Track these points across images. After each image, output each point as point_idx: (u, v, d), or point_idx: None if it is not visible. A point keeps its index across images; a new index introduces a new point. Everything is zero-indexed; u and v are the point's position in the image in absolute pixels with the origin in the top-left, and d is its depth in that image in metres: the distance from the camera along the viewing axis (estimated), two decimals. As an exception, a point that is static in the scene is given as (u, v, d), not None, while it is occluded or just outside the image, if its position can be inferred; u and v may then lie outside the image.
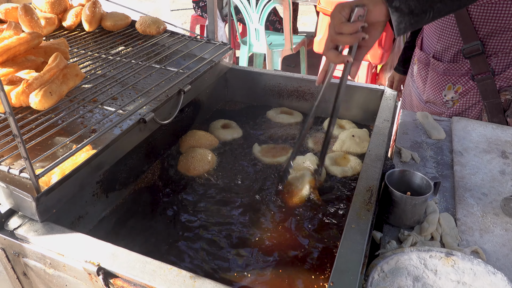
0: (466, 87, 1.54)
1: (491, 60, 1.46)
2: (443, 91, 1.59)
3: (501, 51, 1.44)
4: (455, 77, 1.55)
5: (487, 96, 1.49)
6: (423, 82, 1.69)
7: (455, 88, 1.56)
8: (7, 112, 0.77)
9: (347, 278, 0.77)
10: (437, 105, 1.65)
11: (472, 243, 1.02)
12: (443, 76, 1.58)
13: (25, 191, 0.86)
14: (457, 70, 1.54)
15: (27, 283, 1.01)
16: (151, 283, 0.77)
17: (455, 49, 1.52)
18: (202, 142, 1.46)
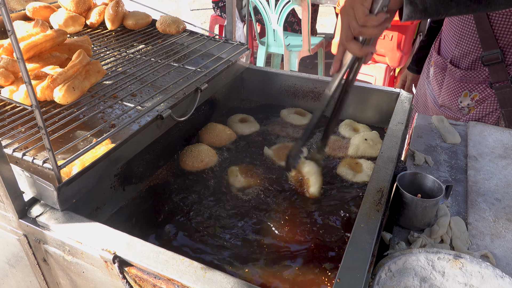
0: (483, 95, 1.53)
1: (511, 69, 1.45)
2: (459, 98, 1.59)
3: None
4: (472, 84, 1.54)
5: (505, 104, 1.48)
6: (439, 86, 1.68)
7: (471, 95, 1.55)
8: (33, 105, 0.81)
9: (354, 275, 0.78)
10: (452, 111, 1.64)
11: (483, 247, 1.01)
12: (459, 83, 1.57)
13: (47, 181, 0.91)
14: (474, 77, 1.53)
15: (46, 269, 1.05)
16: (163, 272, 0.80)
17: (473, 56, 1.51)
18: (221, 136, 1.50)
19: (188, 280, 0.78)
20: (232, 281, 0.78)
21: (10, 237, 1.03)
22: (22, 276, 1.15)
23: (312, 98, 1.70)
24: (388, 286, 0.84)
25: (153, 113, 1.20)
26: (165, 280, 0.81)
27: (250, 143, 1.52)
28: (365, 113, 1.64)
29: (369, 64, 3.37)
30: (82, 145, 1.07)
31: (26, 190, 0.98)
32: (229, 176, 1.33)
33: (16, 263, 1.11)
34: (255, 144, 1.51)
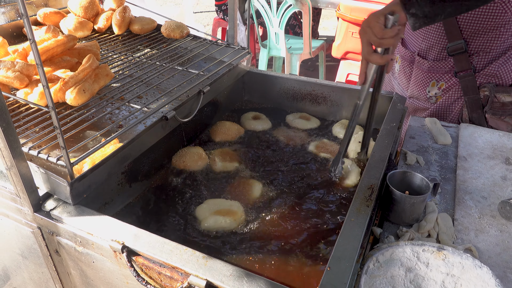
0: (449, 84, 1.62)
1: (473, 59, 1.55)
2: (427, 88, 1.68)
3: (482, 50, 1.53)
4: (439, 74, 1.63)
5: (467, 92, 1.58)
6: (407, 79, 1.77)
7: (438, 85, 1.65)
8: (50, 106, 0.89)
9: (343, 264, 0.85)
10: (421, 101, 1.73)
11: (467, 241, 1.08)
12: (427, 73, 1.66)
13: (61, 177, 0.98)
14: (441, 68, 1.62)
15: (58, 260, 1.13)
16: (168, 261, 0.87)
17: (439, 47, 1.60)
18: (231, 131, 1.63)
19: (190, 268, 0.85)
20: (231, 268, 0.85)
21: (24, 230, 1.11)
22: (34, 267, 1.22)
23: (310, 100, 1.77)
24: (376, 275, 0.91)
25: (158, 114, 1.27)
26: (170, 268, 0.88)
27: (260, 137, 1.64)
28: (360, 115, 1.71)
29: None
30: (91, 144, 1.15)
31: (40, 185, 1.05)
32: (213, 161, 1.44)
33: (29, 254, 1.18)
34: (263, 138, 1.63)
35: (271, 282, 0.82)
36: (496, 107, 1.56)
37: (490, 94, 1.54)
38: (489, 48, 1.52)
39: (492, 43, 1.51)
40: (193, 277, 0.84)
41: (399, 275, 0.91)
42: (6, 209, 1.10)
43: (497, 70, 1.54)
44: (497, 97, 1.54)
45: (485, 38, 1.51)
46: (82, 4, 1.79)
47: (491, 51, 1.53)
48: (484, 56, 1.54)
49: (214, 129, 1.64)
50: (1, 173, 1.06)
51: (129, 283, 0.98)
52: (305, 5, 3.59)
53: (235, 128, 1.65)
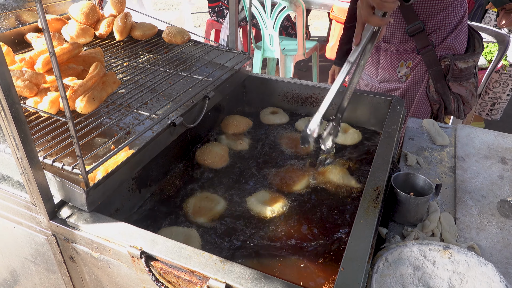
0: (415, 61, 1.80)
1: (432, 36, 1.74)
2: (397, 68, 1.84)
3: (438, 28, 1.72)
4: (405, 54, 1.81)
5: (430, 65, 1.76)
6: (375, 66, 1.94)
7: (406, 64, 1.82)
8: (67, 116, 0.91)
9: (356, 265, 0.88)
10: (392, 82, 1.90)
11: (469, 239, 1.13)
12: (395, 56, 1.83)
13: (77, 185, 1.00)
14: (406, 48, 1.79)
15: (72, 267, 1.14)
16: (187, 265, 0.90)
17: (401, 31, 1.77)
18: (241, 124, 1.75)
19: (209, 271, 0.88)
20: (248, 271, 0.88)
21: (38, 237, 1.12)
22: (46, 273, 1.24)
23: (310, 103, 1.80)
24: (386, 274, 0.95)
25: (166, 121, 1.29)
26: (188, 272, 0.91)
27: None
28: (359, 117, 1.75)
29: (362, 68, 3.49)
30: (102, 152, 1.17)
31: (55, 193, 1.07)
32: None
33: (42, 261, 1.20)
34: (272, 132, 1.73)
35: (288, 284, 0.85)
36: (456, 74, 1.77)
37: (451, 63, 1.74)
38: (443, 26, 1.73)
39: (445, 21, 1.72)
40: (212, 280, 0.87)
41: (408, 274, 0.95)
42: (20, 217, 1.12)
43: (452, 43, 1.75)
44: (456, 65, 1.74)
45: (438, 17, 1.71)
46: (84, 10, 1.80)
47: (445, 27, 1.73)
48: (439, 33, 1.74)
49: (225, 123, 1.76)
50: (16, 182, 1.08)
51: (146, 287, 1.01)
52: (299, 7, 3.63)
53: (245, 121, 1.78)
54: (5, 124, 0.89)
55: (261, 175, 1.46)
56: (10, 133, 0.90)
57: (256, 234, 1.20)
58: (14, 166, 1.05)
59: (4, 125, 0.90)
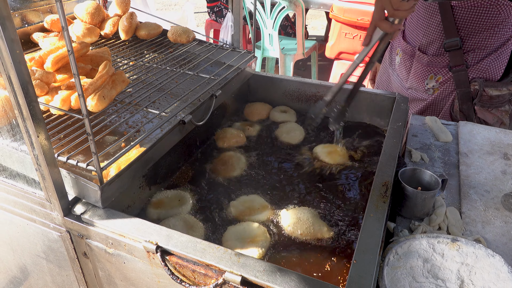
0: (445, 78, 1.76)
1: (468, 55, 1.68)
2: (426, 80, 1.81)
3: (477, 47, 1.66)
4: (436, 68, 1.76)
5: (460, 85, 1.71)
6: (407, 71, 1.89)
7: (436, 78, 1.78)
8: (84, 114, 0.92)
9: (368, 257, 0.91)
10: (419, 92, 1.87)
11: (475, 233, 1.15)
12: (426, 67, 1.79)
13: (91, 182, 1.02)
14: (439, 62, 1.75)
15: (84, 263, 1.16)
16: (202, 259, 0.92)
17: (438, 43, 1.73)
18: (260, 110, 1.84)
19: (225, 264, 0.90)
20: (263, 264, 0.90)
21: (51, 234, 1.14)
22: (58, 270, 1.25)
23: (314, 101, 1.82)
24: (396, 266, 0.97)
25: (176, 119, 1.31)
26: (204, 266, 0.93)
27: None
28: (363, 115, 1.77)
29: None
30: (113, 149, 1.18)
31: (68, 190, 1.09)
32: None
33: (54, 258, 1.21)
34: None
35: (303, 276, 0.87)
36: (484, 100, 1.70)
37: (480, 88, 1.67)
38: (483, 46, 1.66)
39: (485, 42, 1.64)
40: (228, 273, 0.89)
41: (417, 266, 0.97)
42: (34, 214, 1.13)
43: (488, 66, 1.67)
44: (486, 91, 1.67)
45: (479, 37, 1.63)
46: (89, 10, 1.81)
47: (484, 48, 1.66)
48: (477, 53, 1.67)
49: (246, 109, 1.86)
50: (31, 179, 1.09)
51: (161, 282, 1.03)
52: (298, 7, 3.66)
53: (264, 108, 1.86)
54: (22, 121, 0.91)
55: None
56: (27, 131, 0.92)
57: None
58: (29, 163, 1.07)
59: (21, 123, 0.91)
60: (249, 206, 1.29)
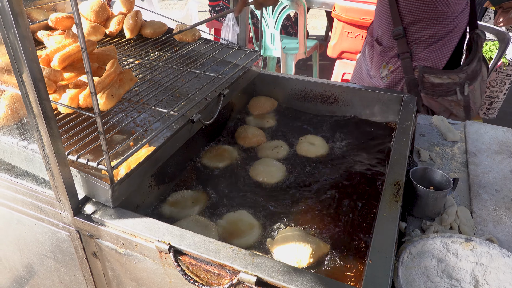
0: (396, 66, 1.86)
1: (412, 45, 1.78)
2: (380, 69, 1.93)
3: (420, 37, 1.76)
4: (388, 57, 1.88)
5: (407, 72, 1.81)
6: (371, 61, 2.03)
7: (388, 67, 1.89)
8: (96, 113, 0.91)
9: (383, 257, 0.90)
10: (377, 80, 1.98)
11: (487, 232, 1.15)
12: (380, 57, 1.92)
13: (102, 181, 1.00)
14: (390, 52, 1.87)
15: (93, 263, 1.15)
16: (216, 259, 0.91)
17: (389, 34, 1.83)
18: (266, 104, 1.84)
19: (239, 264, 0.89)
20: (278, 264, 0.89)
21: (60, 234, 1.13)
22: (66, 270, 1.24)
23: (321, 101, 1.82)
24: (410, 266, 0.96)
25: (184, 118, 1.30)
26: (217, 266, 0.92)
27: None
28: (370, 114, 1.77)
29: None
30: (122, 148, 1.17)
31: (78, 189, 1.07)
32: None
33: (62, 258, 1.20)
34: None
35: (318, 276, 0.86)
36: (427, 87, 1.78)
37: (419, 75, 1.76)
38: (424, 36, 1.75)
39: (426, 32, 1.74)
40: (243, 273, 0.88)
41: (432, 266, 0.97)
42: (42, 213, 1.12)
43: (430, 55, 1.76)
44: (426, 78, 1.75)
45: (420, 26, 1.74)
46: (94, 8, 1.80)
47: (427, 38, 1.75)
48: (420, 42, 1.77)
49: (251, 104, 1.85)
50: (40, 178, 1.08)
51: (172, 282, 1.02)
52: (300, 6, 3.65)
53: (270, 101, 1.86)
54: (33, 120, 0.90)
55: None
56: (38, 129, 0.90)
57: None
58: (38, 162, 1.06)
59: (32, 121, 0.90)
60: (236, 227, 1.19)
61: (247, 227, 1.19)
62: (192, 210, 1.27)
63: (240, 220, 1.22)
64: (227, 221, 1.22)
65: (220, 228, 1.19)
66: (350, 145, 1.60)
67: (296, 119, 1.80)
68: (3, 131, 1.10)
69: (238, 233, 1.17)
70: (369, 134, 1.67)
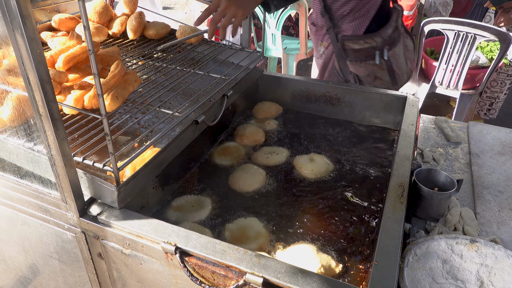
0: (328, 42, 1.99)
1: (337, 20, 1.88)
2: (318, 48, 2.07)
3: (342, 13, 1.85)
4: (321, 36, 2.01)
5: (334, 45, 1.91)
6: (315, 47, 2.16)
7: (323, 44, 2.03)
8: (103, 114, 0.91)
9: (389, 259, 0.90)
10: (320, 58, 2.10)
11: (491, 233, 1.15)
12: (315, 36, 2.07)
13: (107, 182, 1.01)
14: (322, 30, 1.99)
15: (98, 264, 1.15)
16: (222, 260, 0.91)
17: (319, 13, 1.93)
18: (272, 109, 1.85)
19: (245, 266, 0.89)
20: (284, 265, 0.89)
21: (65, 235, 1.13)
22: (71, 271, 1.24)
23: (324, 102, 1.82)
24: (416, 267, 0.97)
25: (189, 119, 1.30)
26: (224, 267, 0.92)
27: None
28: (373, 116, 1.77)
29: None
30: (127, 150, 1.17)
31: (84, 191, 1.08)
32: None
33: (67, 259, 1.20)
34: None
35: (325, 278, 0.87)
36: (350, 54, 1.87)
37: (341, 43, 1.87)
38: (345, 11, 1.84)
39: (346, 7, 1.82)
40: (249, 275, 0.88)
41: (437, 267, 0.97)
42: (48, 214, 1.12)
43: (350, 25, 1.85)
44: (346, 45, 1.85)
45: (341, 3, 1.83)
46: (97, 9, 1.80)
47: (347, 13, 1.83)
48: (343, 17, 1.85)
49: (256, 109, 1.87)
50: (46, 180, 1.08)
51: (178, 283, 1.02)
52: (301, 7, 3.65)
53: (275, 106, 1.88)
54: (40, 121, 0.90)
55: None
56: (44, 131, 0.91)
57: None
58: (44, 163, 1.06)
59: (39, 123, 0.91)
60: (244, 232, 1.20)
61: (255, 235, 1.18)
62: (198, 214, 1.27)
63: (249, 227, 1.21)
64: (236, 225, 1.22)
65: (228, 232, 1.20)
66: (355, 154, 1.60)
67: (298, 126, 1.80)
68: (9, 132, 1.10)
69: (243, 240, 1.17)
70: (371, 135, 1.68)
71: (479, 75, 3.30)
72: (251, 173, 1.44)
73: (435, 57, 3.53)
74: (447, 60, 3.23)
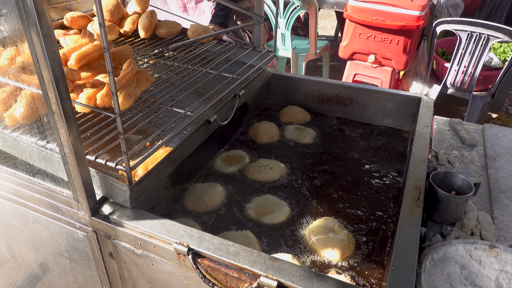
0: None
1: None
2: None
3: None
4: None
5: None
6: None
7: None
8: (116, 113, 0.90)
9: (406, 263, 0.88)
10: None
11: (509, 239, 1.12)
12: None
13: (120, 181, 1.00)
14: None
15: (110, 263, 1.14)
16: (236, 262, 0.90)
17: None
18: (298, 115, 1.82)
19: (259, 268, 0.88)
20: (299, 269, 0.88)
21: (77, 234, 1.12)
22: (81, 270, 1.23)
23: (336, 102, 1.80)
24: (433, 273, 0.94)
25: (201, 118, 1.29)
26: (237, 270, 0.91)
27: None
28: (386, 117, 1.75)
29: (376, 68, 3.49)
30: (139, 149, 1.16)
31: (96, 190, 1.07)
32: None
33: (78, 258, 1.20)
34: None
35: (340, 282, 0.85)
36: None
37: None
38: None
39: None
40: (263, 277, 0.86)
41: (455, 273, 0.95)
42: (59, 213, 1.11)
43: None
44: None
45: None
46: (109, 8, 1.79)
47: None
48: None
49: (283, 112, 1.84)
50: (59, 178, 1.07)
51: (190, 285, 1.01)
52: (312, 6, 3.62)
53: (303, 112, 1.85)
54: (53, 119, 0.89)
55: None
56: (58, 129, 0.90)
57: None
58: (57, 162, 1.05)
59: (52, 121, 0.90)
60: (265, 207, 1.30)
61: (276, 206, 1.29)
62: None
63: (268, 201, 1.32)
64: (255, 203, 1.31)
65: (251, 210, 1.28)
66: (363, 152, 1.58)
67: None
68: (21, 130, 1.10)
69: (267, 212, 1.27)
70: (385, 137, 1.65)
71: (492, 77, 3.25)
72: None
73: (447, 58, 3.48)
74: (459, 61, 3.18)
